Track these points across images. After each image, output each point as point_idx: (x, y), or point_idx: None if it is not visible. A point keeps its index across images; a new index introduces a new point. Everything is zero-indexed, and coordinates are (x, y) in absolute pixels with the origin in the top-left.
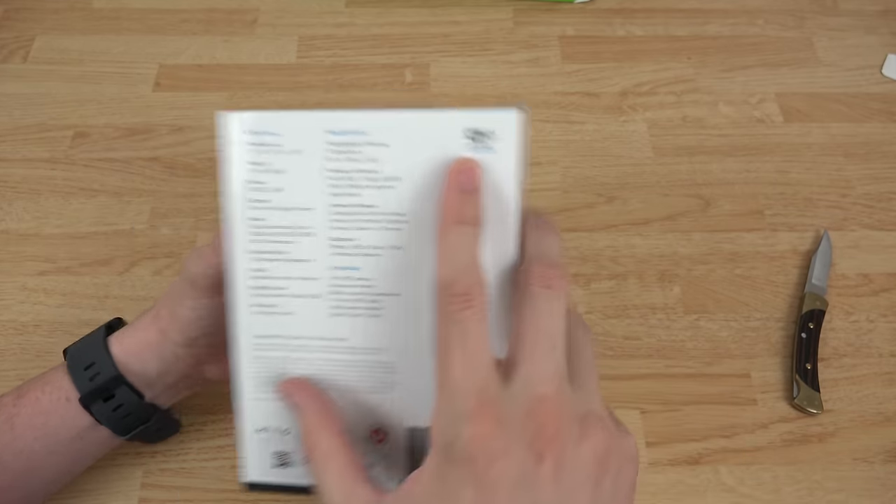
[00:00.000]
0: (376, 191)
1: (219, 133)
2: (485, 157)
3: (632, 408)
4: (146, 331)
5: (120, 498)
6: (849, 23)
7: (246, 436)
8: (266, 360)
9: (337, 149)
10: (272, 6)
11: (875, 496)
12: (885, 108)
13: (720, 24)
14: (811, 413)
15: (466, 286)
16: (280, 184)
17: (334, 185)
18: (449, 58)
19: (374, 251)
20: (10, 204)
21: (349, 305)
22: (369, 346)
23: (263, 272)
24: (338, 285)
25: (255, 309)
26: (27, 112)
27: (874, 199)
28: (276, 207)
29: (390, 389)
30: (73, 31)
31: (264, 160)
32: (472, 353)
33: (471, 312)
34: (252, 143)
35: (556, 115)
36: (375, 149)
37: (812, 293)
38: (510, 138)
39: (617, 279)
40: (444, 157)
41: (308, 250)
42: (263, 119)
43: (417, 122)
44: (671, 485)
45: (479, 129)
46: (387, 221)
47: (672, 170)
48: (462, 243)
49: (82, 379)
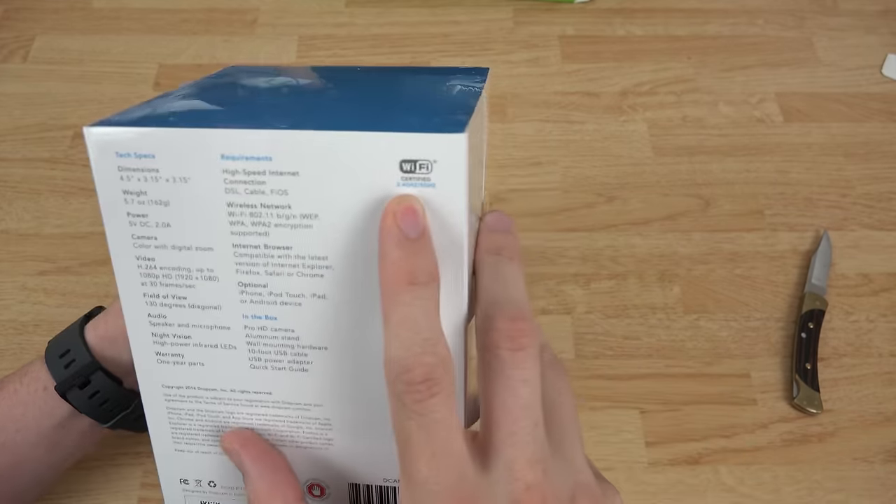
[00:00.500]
0: (289, 230)
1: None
2: (424, 192)
3: (632, 408)
4: (118, 317)
5: (120, 498)
6: (849, 23)
7: (167, 487)
8: (179, 413)
9: (234, 178)
10: (272, 6)
11: (875, 496)
12: (885, 108)
13: (720, 24)
14: (811, 413)
15: (428, 370)
16: (166, 218)
17: (236, 221)
18: (449, 58)
19: (292, 299)
20: (10, 204)
21: (270, 358)
22: (299, 402)
23: (163, 318)
24: (254, 336)
25: (160, 357)
26: (27, 112)
27: (874, 199)
28: (166, 245)
29: (328, 445)
30: (73, 31)
31: (141, 188)
32: (441, 447)
33: (435, 401)
34: (122, 169)
35: (556, 115)
36: (284, 178)
37: (812, 293)
38: (456, 168)
39: (617, 279)
40: (372, 191)
41: (212, 296)
42: (132, 136)
43: (335, 146)
44: (671, 485)
45: (415, 159)
46: (304, 266)
47: (672, 170)
48: (417, 311)
49: (58, 367)
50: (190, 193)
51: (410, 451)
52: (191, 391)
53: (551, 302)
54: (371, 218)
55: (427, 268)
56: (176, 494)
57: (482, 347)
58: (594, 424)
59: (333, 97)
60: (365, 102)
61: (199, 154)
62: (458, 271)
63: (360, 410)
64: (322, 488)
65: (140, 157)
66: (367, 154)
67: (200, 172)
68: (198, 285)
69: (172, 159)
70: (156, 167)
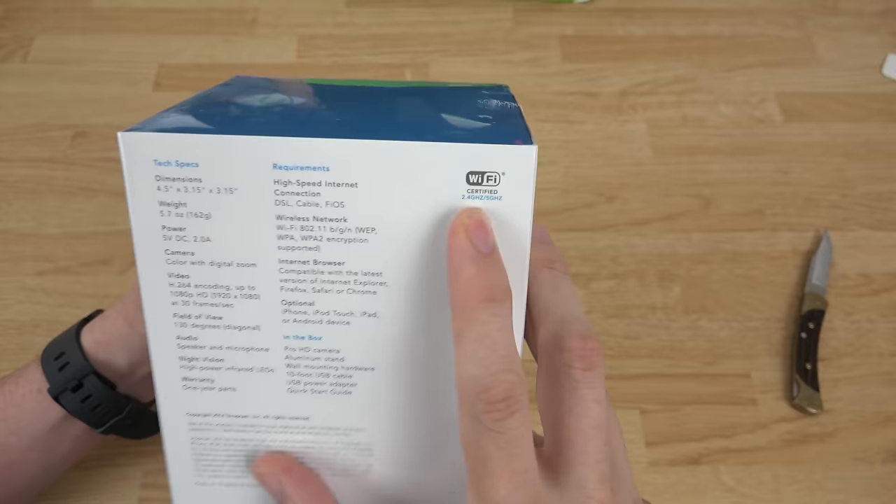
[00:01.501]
0: (342, 244)
1: (122, 161)
2: (489, 205)
3: (632, 408)
4: (114, 322)
5: (120, 498)
6: (849, 23)
7: None
8: (204, 443)
9: (286, 189)
10: (272, 6)
11: (875, 496)
12: (885, 108)
13: (720, 24)
14: (811, 413)
15: (508, 388)
16: (206, 232)
17: (284, 235)
18: (449, 57)
19: (340, 318)
20: (10, 204)
21: (311, 381)
22: (340, 427)
23: (193, 340)
24: (294, 357)
25: (187, 384)
26: (27, 112)
27: (874, 199)
28: (204, 262)
29: (367, 472)
30: (72, 31)
31: (180, 200)
32: (519, 466)
33: (514, 420)
34: (160, 177)
35: (556, 115)
36: (341, 190)
37: (812, 293)
38: (524, 182)
39: (617, 279)
40: (436, 204)
41: (252, 316)
42: (174, 144)
43: (399, 156)
44: (671, 485)
45: (483, 171)
46: (356, 282)
47: (672, 170)
48: (494, 329)
49: (52, 369)
50: (235, 205)
51: (488, 471)
52: (219, 419)
53: None
54: (433, 232)
55: (502, 284)
56: None
57: (552, 366)
58: None
59: (372, 109)
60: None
61: (249, 163)
62: (520, 287)
63: (406, 434)
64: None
65: (181, 166)
66: (433, 165)
67: (249, 183)
68: (236, 304)
69: (219, 169)
70: (199, 177)
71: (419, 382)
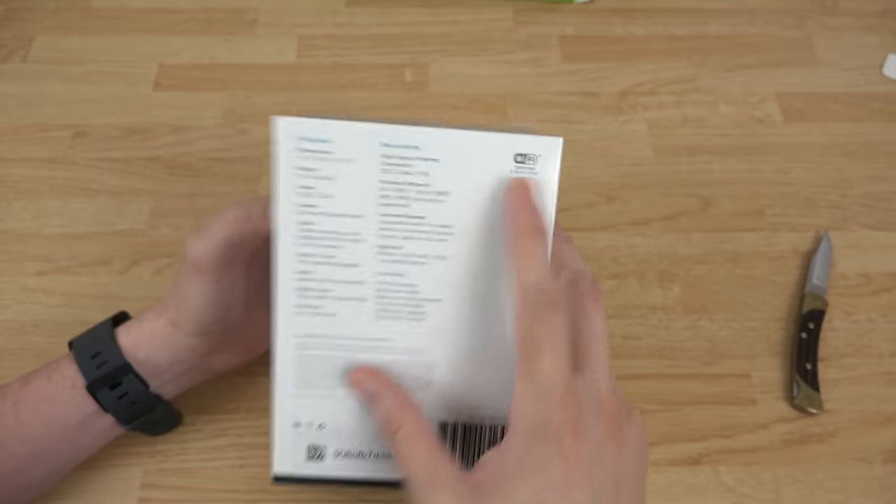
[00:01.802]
0: (426, 203)
1: (271, 137)
2: (529, 178)
3: (632, 408)
4: (154, 322)
5: (120, 498)
6: (849, 23)
7: (281, 430)
8: (307, 359)
9: (389, 161)
10: (272, 6)
11: (875, 496)
12: (885, 108)
13: (720, 24)
14: (811, 413)
15: (559, 289)
16: (329, 190)
17: (385, 195)
18: (449, 58)
19: (420, 259)
20: (10, 204)
21: (394, 309)
22: (411, 347)
23: (309, 274)
24: (383, 290)
25: (299, 309)
26: (27, 112)
27: (874, 199)
28: (325, 213)
29: (427, 387)
30: (72, 31)
31: (314, 166)
32: (559, 350)
33: (559, 317)
34: (302, 150)
35: (556, 115)
36: (427, 163)
37: (812, 293)
38: (552, 163)
39: (617, 279)
40: (492, 176)
41: (355, 255)
42: (315, 126)
43: (468, 141)
44: (671, 485)
45: (525, 153)
46: (433, 232)
47: (672, 170)
48: (542, 253)
49: (89, 367)
50: (353, 171)
51: (538, 351)
52: (321, 339)
53: None
54: (490, 196)
55: (544, 225)
56: (287, 438)
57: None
58: None
59: None
60: None
61: (365, 142)
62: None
63: (462, 354)
64: None
65: (317, 142)
66: (493, 148)
67: (364, 156)
68: (345, 246)
69: (344, 145)
70: (329, 150)
71: (476, 311)
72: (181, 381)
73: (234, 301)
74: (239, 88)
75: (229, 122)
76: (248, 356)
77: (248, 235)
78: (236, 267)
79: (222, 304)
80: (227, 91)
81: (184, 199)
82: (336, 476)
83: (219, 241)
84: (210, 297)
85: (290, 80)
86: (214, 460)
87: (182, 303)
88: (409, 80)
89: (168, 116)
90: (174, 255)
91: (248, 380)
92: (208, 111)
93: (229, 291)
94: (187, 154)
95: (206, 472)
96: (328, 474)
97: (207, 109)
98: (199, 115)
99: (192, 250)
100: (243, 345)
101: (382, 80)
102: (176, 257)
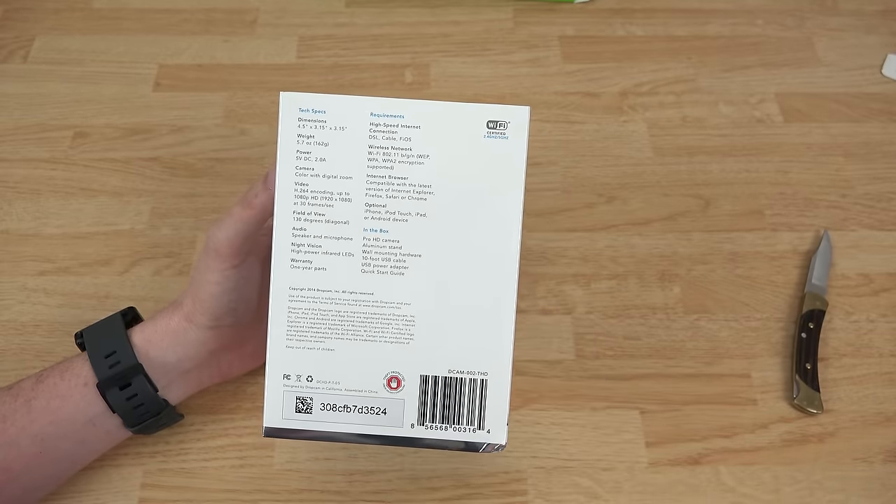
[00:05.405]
0: (408, 165)
1: (279, 110)
2: (500, 141)
3: (632, 408)
4: (168, 319)
5: (120, 498)
6: (849, 23)
7: (272, 383)
8: (297, 311)
9: (376, 128)
10: (272, 6)
11: (875, 496)
12: (885, 108)
13: (720, 24)
14: (811, 413)
15: None
16: (323, 154)
17: (372, 158)
18: (449, 58)
19: (402, 216)
20: (10, 204)
21: (377, 264)
22: (393, 301)
23: (303, 231)
24: (368, 246)
25: (293, 264)
26: (27, 112)
27: (874, 199)
28: (319, 174)
29: (408, 340)
30: (73, 31)
31: (311, 133)
32: None
33: None
34: (301, 119)
35: (556, 115)
36: (410, 130)
37: (812, 293)
38: (521, 127)
39: (617, 279)
40: (468, 140)
41: (344, 213)
42: (313, 99)
43: (446, 111)
44: (671, 485)
45: (496, 119)
46: (414, 191)
47: (672, 170)
48: None
49: (102, 366)
50: (344, 138)
51: None
52: (311, 293)
53: (552, 302)
54: (465, 159)
55: None
56: (277, 390)
57: None
58: (594, 425)
59: None
60: None
61: (356, 112)
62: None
63: (441, 308)
64: (399, 381)
65: (314, 112)
66: (468, 116)
67: (355, 124)
68: (335, 205)
69: (337, 114)
70: (324, 119)
71: (454, 266)
72: (188, 380)
73: (248, 292)
74: (239, 88)
75: (229, 122)
76: (253, 362)
77: (254, 221)
78: (253, 256)
79: (237, 294)
80: (228, 91)
81: (184, 199)
82: (323, 430)
83: (237, 227)
84: (227, 283)
85: (291, 81)
86: (215, 460)
87: (199, 293)
88: (409, 80)
89: (168, 116)
90: (174, 255)
91: (249, 380)
92: (208, 111)
93: (245, 282)
94: (187, 154)
95: (207, 471)
96: (315, 428)
97: (207, 109)
98: (199, 115)
99: (212, 237)
100: (251, 346)
101: (382, 80)
102: (176, 258)
